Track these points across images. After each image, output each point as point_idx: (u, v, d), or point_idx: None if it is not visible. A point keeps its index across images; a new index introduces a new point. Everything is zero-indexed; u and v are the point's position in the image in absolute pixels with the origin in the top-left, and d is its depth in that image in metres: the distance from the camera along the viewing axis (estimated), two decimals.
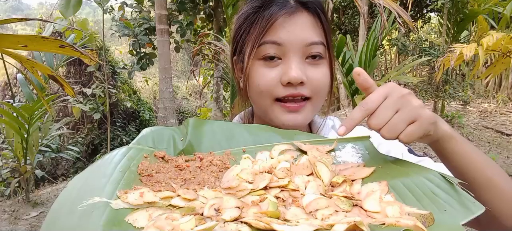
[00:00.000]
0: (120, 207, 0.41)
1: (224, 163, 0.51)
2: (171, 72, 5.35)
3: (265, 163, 0.51)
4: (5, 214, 3.08)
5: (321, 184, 0.47)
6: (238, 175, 0.48)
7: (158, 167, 0.49)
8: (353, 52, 3.16)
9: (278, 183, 0.46)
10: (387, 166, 0.51)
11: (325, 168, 0.49)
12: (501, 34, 2.69)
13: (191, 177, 0.48)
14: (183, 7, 5.57)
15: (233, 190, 0.45)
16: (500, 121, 5.89)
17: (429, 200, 0.44)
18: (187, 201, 0.42)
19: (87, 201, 0.40)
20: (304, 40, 0.62)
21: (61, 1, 2.90)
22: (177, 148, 0.56)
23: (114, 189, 0.43)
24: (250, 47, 0.63)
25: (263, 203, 0.42)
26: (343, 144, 0.56)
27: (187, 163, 0.51)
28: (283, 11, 0.62)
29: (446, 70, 4.49)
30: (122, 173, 0.47)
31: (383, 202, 0.42)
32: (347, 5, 8.66)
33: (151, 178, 0.47)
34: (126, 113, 7.76)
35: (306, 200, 0.43)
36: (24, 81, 3.23)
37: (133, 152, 0.51)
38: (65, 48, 0.80)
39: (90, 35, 5.26)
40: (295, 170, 0.50)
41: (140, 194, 0.42)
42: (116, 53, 9.91)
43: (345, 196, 0.44)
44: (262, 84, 0.63)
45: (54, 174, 5.97)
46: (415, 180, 0.47)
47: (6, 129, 3.21)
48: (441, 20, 5.46)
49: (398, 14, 1.78)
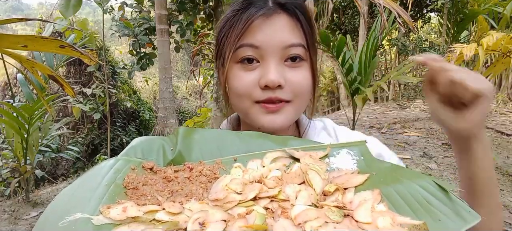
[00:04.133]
0: (102, 223, 0.39)
1: (214, 173, 0.50)
2: (171, 72, 5.35)
3: (255, 172, 0.50)
4: (5, 214, 3.08)
5: (312, 193, 0.45)
6: (227, 185, 0.47)
7: (145, 179, 0.48)
8: (353, 52, 3.16)
9: (268, 193, 0.45)
10: (382, 172, 0.50)
11: (317, 177, 0.48)
12: (501, 34, 2.69)
13: (178, 189, 0.47)
14: (183, 7, 5.57)
15: (220, 202, 0.44)
16: (500, 121, 5.89)
17: (423, 209, 0.43)
18: (172, 215, 0.41)
19: (69, 218, 0.39)
20: (282, 42, 0.61)
21: (61, 1, 2.90)
22: (167, 158, 0.54)
23: (97, 204, 0.42)
24: (228, 50, 0.63)
25: (250, 215, 0.41)
26: (338, 149, 0.55)
27: (176, 174, 0.50)
28: (260, 13, 0.61)
29: None
30: (107, 186, 0.46)
31: (375, 212, 0.41)
32: (347, 5, 8.67)
33: (137, 191, 0.46)
34: (126, 113, 7.76)
35: (295, 212, 0.42)
36: (24, 81, 3.23)
37: (119, 164, 0.50)
38: (65, 48, 0.80)
39: (90, 35, 5.25)
40: (287, 178, 0.49)
41: (123, 209, 0.41)
42: (116, 53, 9.91)
43: (336, 206, 0.43)
44: (240, 88, 0.62)
45: (54, 174, 5.97)
46: (409, 188, 0.46)
47: (6, 129, 3.21)
48: (441, 20, 5.46)
49: (398, 14, 1.78)
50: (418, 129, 4.98)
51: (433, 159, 3.84)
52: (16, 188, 3.53)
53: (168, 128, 5.22)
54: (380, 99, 9.89)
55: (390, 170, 0.51)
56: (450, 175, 3.38)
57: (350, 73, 2.98)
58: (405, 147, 4.20)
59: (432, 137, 4.66)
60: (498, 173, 3.52)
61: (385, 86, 3.00)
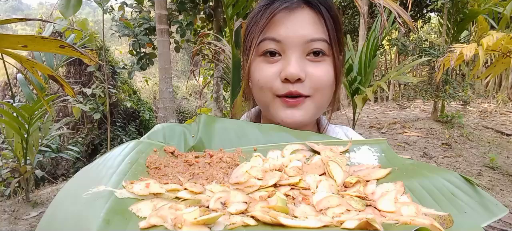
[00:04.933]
0: (125, 196, 0.39)
1: (234, 160, 0.51)
2: (171, 72, 5.35)
3: (276, 161, 0.50)
4: (5, 214, 3.08)
5: (333, 184, 0.45)
6: (248, 171, 0.47)
7: (167, 161, 0.49)
8: (353, 52, 3.16)
9: (288, 181, 0.45)
10: (405, 168, 0.49)
11: (338, 168, 0.47)
12: (501, 34, 2.68)
13: (199, 172, 0.47)
14: (183, 7, 5.57)
15: (242, 186, 0.44)
16: (500, 121, 5.89)
17: (448, 202, 0.41)
18: (194, 194, 0.41)
19: (92, 189, 0.39)
20: (304, 36, 0.61)
21: (61, 1, 2.90)
22: (188, 144, 0.55)
23: (120, 179, 0.42)
24: (252, 44, 0.64)
25: (272, 198, 0.41)
26: (358, 146, 0.54)
27: (196, 159, 0.51)
28: (284, 7, 0.61)
29: (446, 70, 4.49)
30: (130, 164, 0.46)
31: (398, 203, 0.40)
32: (347, 5, 8.66)
33: (159, 171, 0.46)
34: (126, 113, 7.76)
35: (316, 198, 0.41)
36: (24, 81, 3.23)
37: (142, 146, 0.51)
38: (65, 48, 0.80)
39: (90, 35, 5.26)
40: (307, 169, 0.48)
41: (146, 185, 0.41)
42: (116, 53, 9.91)
43: (358, 196, 0.42)
44: (261, 80, 0.63)
45: (54, 174, 5.97)
46: (433, 181, 0.45)
47: (6, 129, 3.21)
48: (441, 20, 5.45)
49: (398, 14, 1.78)
50: (418, 129, 4.98)
51: (433, 159, 3.84)
52: (16, 188, 3.52)
53: None
54: (380, 99, 9.88)
55: (413, 165, 0.50)
56: None
57: (350, 73, 2.97)
58: (405, 147, 4.20)
59: (432, 137, 4.66)
60: (498, 173, 3.52)
61: (385, 86, 3.00)
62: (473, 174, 3.43)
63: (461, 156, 3.96)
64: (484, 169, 3.59)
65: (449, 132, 4.79)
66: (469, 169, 3.57)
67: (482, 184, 3.17)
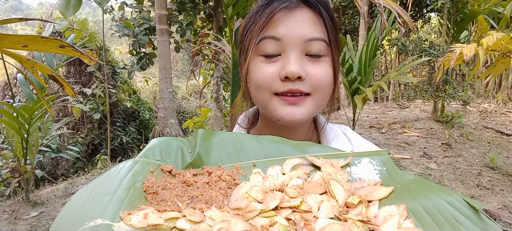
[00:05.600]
0: (123, 230, 0.39)
1: (233, 178, 0.50)
2: (171, 72, 5.35)
3: (276, 179, 0.49)
4: (5, 214, 3.08)
5: (335, 205, 0.44)
6: (248, 193, 0.46)
7: (165, 182, 0.48)
8: (353, 52, 3.16)
9: (289, 203, 0.44)
10: (406, 185, 0.48)
11: (339, 187, 0.46)
12: (501, 34, 2.68)
13: (198, 194, 0.47)
14: (183, 7, 5.57)
15: (242, 211, 0.43)
16: (500, 121, 5.89)
17: (451, 228, 0.40)
18: (193, 223, 0.41)
19: (89, 224, 0.39)
20: (304, 36, 0.61)
21: (61, 1, 2.90)
22: (185, 160, 0.54)
23: (117, 209, 0.42)
24: (251, 43, 0.64)
25: (274, 227, 0.40)
26: (359, 158, 0.54)
27: (195, 178, 0.50)
28: (283, 6, 0.62)
29: (446, 70, 4.49)
30: (127, 190, 0.45)
31: (401, 228, 0.40)
32: (347, 5, 8.67)
33: (157, 196, 0.46)
34: (126, 113, 7.76)
35: (319, 225, 0.41)
36: (24, 81, 3.23)
37: (139, 166, 0.50)
38: (65, 48, 0.80)
39: (90, 35, 5.26)
40: (308, 187, 0.48)
41: (144, 215, 0.41)
42: (116, 53, 9.91)
43: (361, 220, 0.41)
44: (260, 79, 0.63)
45: (54, 174, 5.97)
46: (435, 204, 0.44)
47: (6, 129, 3.21)
48: (441, 20, 5.45)
49: (398, 14, 1.78)
50: (418, 129, 4.98)
51: (433, 159, 3.84)
52: (16, 188, 3.53)
53: (168, 128, 5.22)
54: (380, 99, 9.89)
55: (415, 183, 0.49)
56: (450, 175, 3.38)
57: (350, 73, 2.98)
58: (405, 147, 4.20)
59: (432, 137, 4.66)
60: (498, 173, 3.52)
61: (385, 86, 3.00)
62: (473, 174, 3.43)
63: (461, 156, 3.96)
64: (484, 169, 3.59)
65: (449, 132, 4.80)
66: (469, 169, 3.57)
67: (482, 184, 3.17)
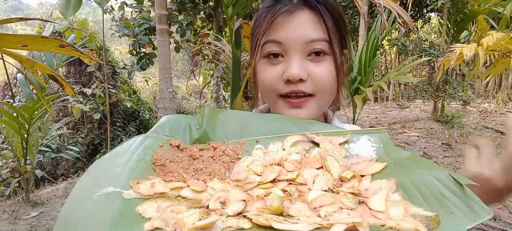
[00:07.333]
0: (132, 197, 0.42)
1: (236, 153, 0.53)
2: (171, 72, 5.34)
3: (276, 154, 0.52)
4: (5, 214, 3.08)
5: (330, 179, 0.47)
6: (248, 166, 0.49)
7: (172, 156, 0.51)
8: (353, 52, 3.16)
9: (286, 176, 0.47)
10: (400, 161, 0.51)
11: (335, 162, 0.49)
12: (501, 34, 2.69)
13: (203, 167, 0.50)
14: (183, 7, 5.57)
15: (241, 182, 0.46)
16: (500, 121, 5.89)
17: (437, 201, 0.43)
18: (196, 193, 0.44)
19: (102, 190, 0.43)
20: (304, 37, 0.63)
21: (61, 1, 2.90)
22: (193, 136, 0.57)
23: (128, 179, 0.45)
24: (256, 46, 0.67)
25: (268, 197, 0.43)
26: (358, 136, 0.56)
27: (200, 152, 0.53)
28: (284, 10, 0.63)
29: (446, 70, 4.49)
30: (137, 162, 0.49)
31: (389, 201, 0.42)
32: (347, 5, 8.67)
33: (164, 168, 0.49)
34: (126, 113, 7.75)
35: (311, 196, 0.43)
36: (24, 81, 3.23)
37: (149, 141, 0.53)
38: (65, 48, 0.80)
39: (90, 35, 5.26)
40: (306, 162, 0.50)
41: (151, 184, 0.44)
42: (116, 53, 9.90)
43: (352, 193, 0.44)
44: (266, 81, 0.66)
45: (54, 174, 5.97)
46: (424, 179, 0.46)
47: (6, 129, 3.21)
48: (441, 20, 5.46)
49: (398, 14, 1.78)
50: (418, 129, 4.98)
51: (433, 159, 3.84)
52: (16, 188, 3.53)
53: None
54: (380, 99, 9.89)
55: (408, 159, 0.51)
56: None
57: (350, 73, 2.98)
58: (405, 147, 4.20)
59: (432, 137, 4.66)
60: None
61: (385, 86, 3.00)
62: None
63: (461, 156, 3.96)
64: None
65: (449, 132, 4.80)
66: None
67: None
